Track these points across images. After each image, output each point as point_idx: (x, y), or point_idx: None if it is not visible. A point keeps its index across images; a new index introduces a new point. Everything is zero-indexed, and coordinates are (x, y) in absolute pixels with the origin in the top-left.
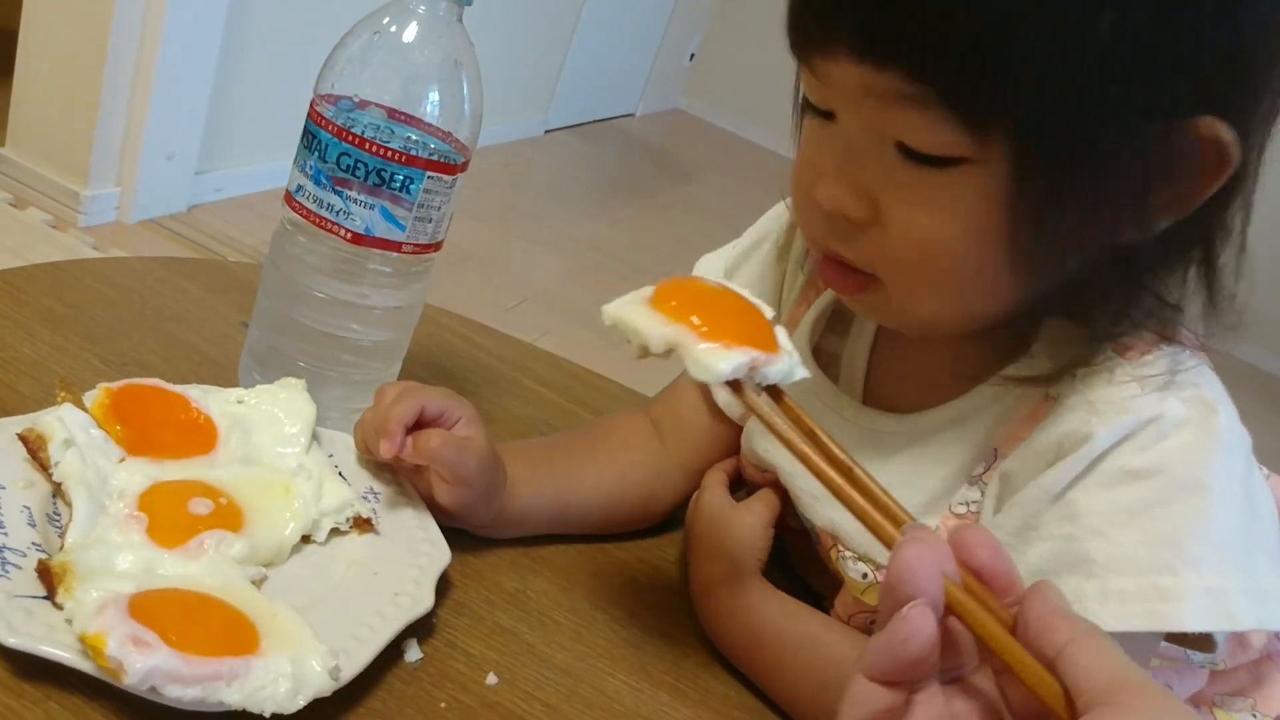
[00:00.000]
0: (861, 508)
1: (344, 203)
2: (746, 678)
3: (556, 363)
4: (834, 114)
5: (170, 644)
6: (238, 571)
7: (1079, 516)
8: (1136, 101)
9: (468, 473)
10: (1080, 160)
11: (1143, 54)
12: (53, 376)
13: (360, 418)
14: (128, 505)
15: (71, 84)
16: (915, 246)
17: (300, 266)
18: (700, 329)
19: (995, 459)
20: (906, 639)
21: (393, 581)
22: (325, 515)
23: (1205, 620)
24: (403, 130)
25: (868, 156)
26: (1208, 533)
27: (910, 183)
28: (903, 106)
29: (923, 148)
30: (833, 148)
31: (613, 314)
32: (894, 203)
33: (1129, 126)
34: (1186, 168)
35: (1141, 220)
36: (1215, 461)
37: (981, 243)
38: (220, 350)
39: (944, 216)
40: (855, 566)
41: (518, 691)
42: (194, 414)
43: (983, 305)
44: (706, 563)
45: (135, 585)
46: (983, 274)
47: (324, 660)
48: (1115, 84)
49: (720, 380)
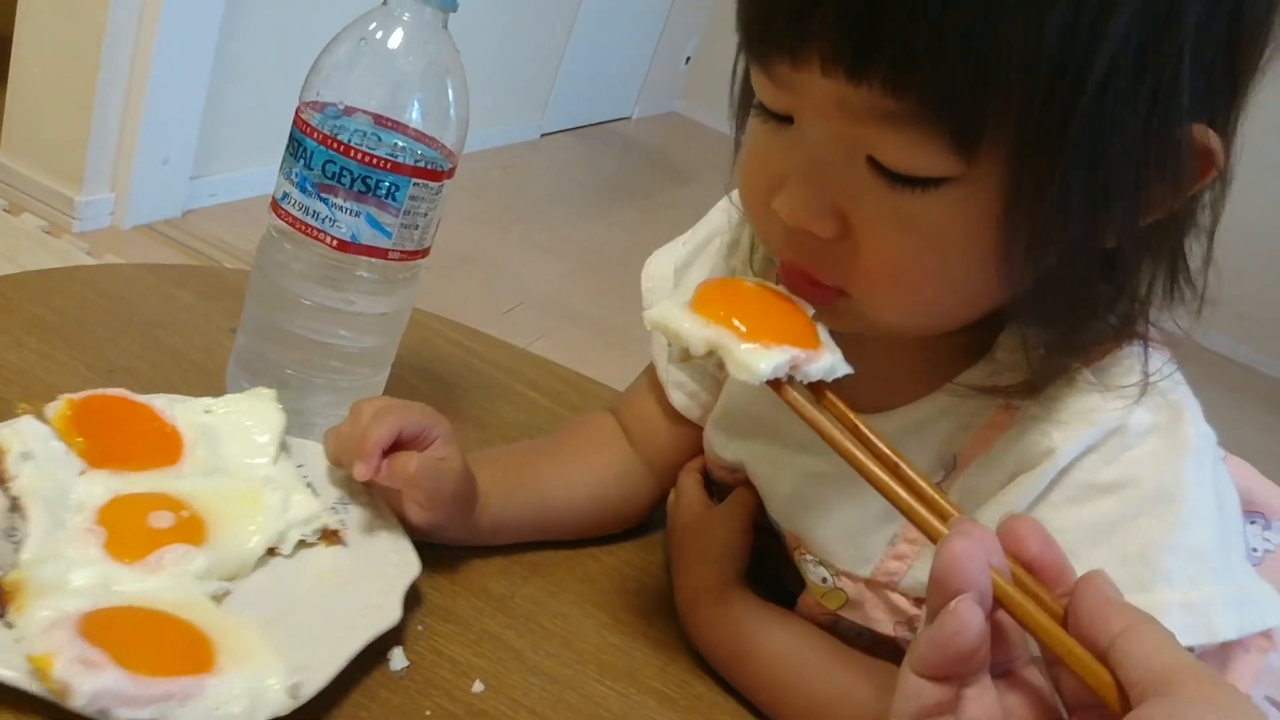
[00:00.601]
0: (907, 504)
1: (330, 210)
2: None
3: (548, 367)
4: (793, 119)
5: (120, 664)
6: (198, 586)
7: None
8: (1138, 110)
9: (443, 496)
10: (1076, 173)
11: (1146, 62)
12: (39, 385)
13: (333, 429)
14: (86, 519)
15: (66, 89)
16: (891, 268)
17: (287, 274)
18: (740, 330)
19: (955, 466)
20: (956, 633)
21: (360, 594)
22: (292, 527)
23: (1185, 636)
24: (389, 137)
25: (836, 170)
26: (1180, 544)
27: (885, 201)
28: (881, 123)
29: (902, 168)
30: (793, 156)
31: (654, 318)
32: (866, 221)
33: (1128, 136)
34: (1175, 172)
35: (1129, 226)
36: (1184, 469)
37: (965, 260)
38: (208, 357)
39: (923, 238)
40: (815, 570)
41: (504, 699)
42: (160, 424)
43: (961, 314)
44: (690, 575)
45: (90, 602)
46: (963, 288)
47: (283, 678)
48: (1117, 93)
49: (761, 380)
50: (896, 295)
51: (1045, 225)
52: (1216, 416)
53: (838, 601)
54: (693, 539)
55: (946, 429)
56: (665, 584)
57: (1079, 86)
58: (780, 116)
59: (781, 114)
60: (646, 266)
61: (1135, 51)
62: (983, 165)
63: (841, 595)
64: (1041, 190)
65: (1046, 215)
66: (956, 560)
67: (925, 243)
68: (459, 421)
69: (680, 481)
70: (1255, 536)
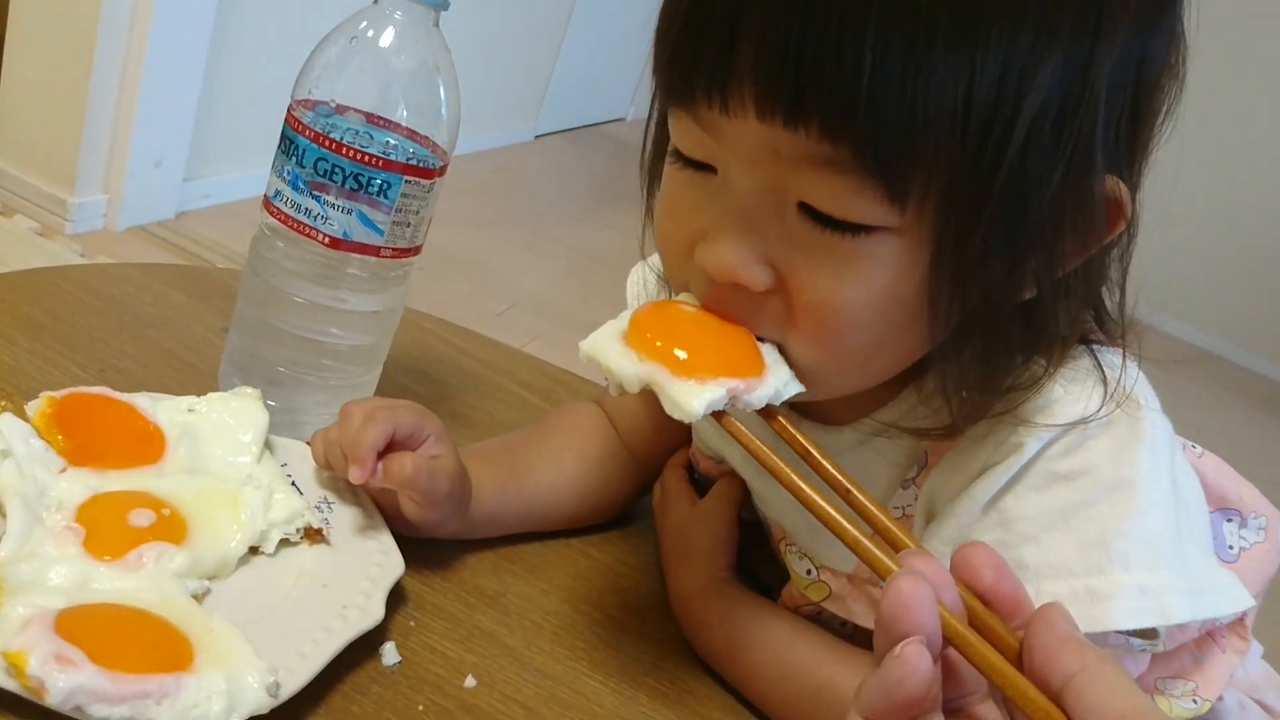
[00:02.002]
0: (854, 538)
1: (321, 207)
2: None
3: (540, 366)
4: (714, 168)
5: (96, 661)
6: (177, 585)
7: (1011, 522)
8: (1056, 164)
9: (439, 495)
10: (1000, 225)
11: (1065, 118)
12: (31, 384)
13: (321, 433)
14: (65, 517)
15: (58, 91)
16: (825, 315)
17: (279, 272)
18: (675, 363)
19: (926, 463)
20: (900, 680)
21: (342, 594)
22: (274, 526)
23: (1138, 617)
24: (381, 135)
25: (765, 219)
26: (1135, 530)
27: (817, 248)
28: (816, 169)
29: (836, 214)
30: (715, 207)
31: (588, 351)
32: (799, 270)
33: (1047, 189)
34: (1089, 223)
35: (1046, 277)
36: (1140, 458)
37: (898, 307)
38: (200, 356)
39: (857, 284)
40: (800, 563)
41: (496, 694)
42: (142, 423)
43: (891, 366)
44: (681, 574)
45: (66, 600)
46: (894, 337)
47: (261, 676)
48: (1040, 148)
49: (695, 419)
50: (831, 345)
51: (969, 276)
52: (1210, 416)
53: (821, 594)
54: (681, 539)
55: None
56: (657, 580)
57: (1004, 141)
58: (700, 165)
59: (702, 162)
60: (631, 275)
61: (1056, 108)
62: (913, 215)
63: (825, 588)
64: (967, 242)
65: (970, 266)
66: (903, 602)
67: (859, 288)
68: (450, 421)
69: (664, 479)
70: (1232, 534)
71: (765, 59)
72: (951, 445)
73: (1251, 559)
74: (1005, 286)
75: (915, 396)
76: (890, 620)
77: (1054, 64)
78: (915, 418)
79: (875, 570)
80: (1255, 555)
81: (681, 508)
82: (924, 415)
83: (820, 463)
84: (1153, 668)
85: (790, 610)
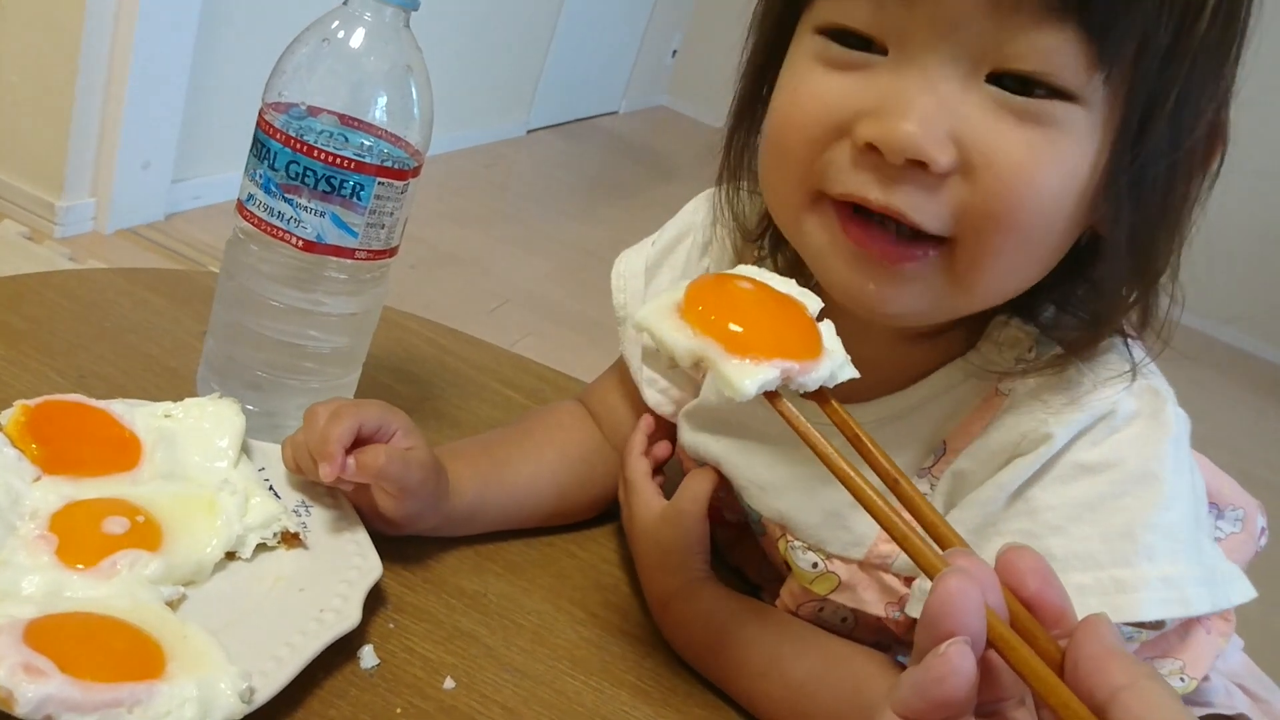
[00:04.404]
0: (902, 532)
1: (295, 210)
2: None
3: (524, 365)
4: (885, 49)
5: (66, 671)
6: (151, 592)
7: (1037, 512)
8: (1225, 54)
9: (413, 484)
10: (1180, 112)
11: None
12: (8, 392)
13: (289, 438)
14: (39, 526)
15: (44, 94)
16: (1014, 194)
17: (255, 276)
18: (730, 340)
19: (945, 452)
20: (942, 679)
21: (319, 598)
22: (251, 531)
23: (1162, 608)
24: (356, 136)
25: (952, 92)
26: (1160, 522)
27: (1009, 119)
28: (1032, 25)
29: (1041, 73)
30: (886, 85)
31: (643, 321)
32: (988, 146)
33: (1220, 81)
34: (1208, 150)
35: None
36: (1165, 452)
37: (1076, 195)
38: (180, 361)
39: (1049, 158)
40: (805, 556)
41: (475, 695)
42: (117, 430)
43: (1040, 269)
44: (656, 576)
45: (37, 609)
46: (1059, 236)
47: (234, 683)
48: (1213, 39)
49: (747, 398)
50: (1009, 231)
51: (1142, 165)
52: (1209, 399)
53: (828, 586)
54: (653, 542)
55: (935, 415)
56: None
57: (1198, 17)
58: (862, 47)
59: (868, 41)
60: (616, 265)
61: (1225, 14)
62: (1110, 89)
63: (833, 579)
64: (1149, 126)
65: (1146, 155)
66: (950, 600)
67: (1050, 163)
68: (434, 420)
69: (630, 477)
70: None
71: None
72: (977, 434)
73: (1226, 549)
74: (1167, 183)
75: (990, 346)
76: (936, 618)
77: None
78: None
79: (922, 566)
80: (1231, 545)
81: (648, 509)
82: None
83: (870, 450)
84: (1141, 649)
85: (789, 609)
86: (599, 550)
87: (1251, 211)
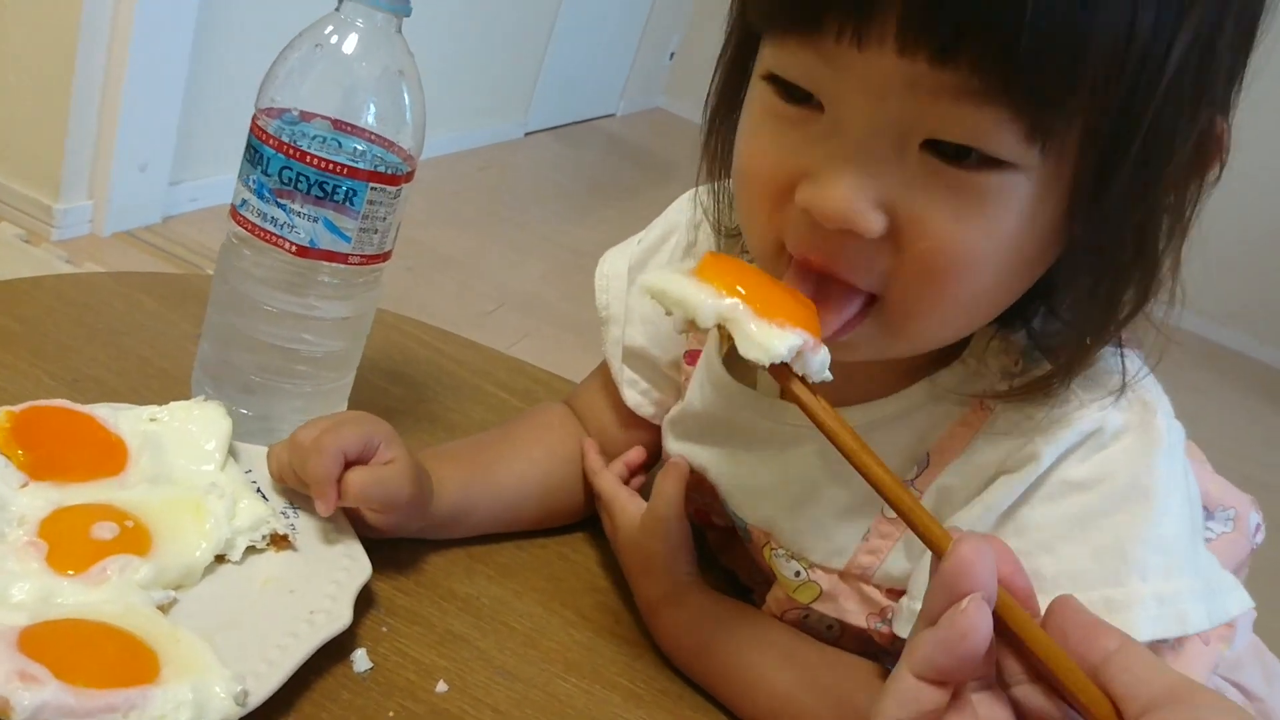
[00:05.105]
0: (909, 506)
1: (287, 216)
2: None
3: (519, 367)
4: (821, 103)
5: (61, 677)
6: (142, 596)
7: (1026, 531)
8: (1194, 104)
9: (396, 501)
10: (1146, 162)
11: (1205, 58)
12: (2, 394)
13: (275, 451)
14: (28, 532)
15: (40, 96)
16: (940, 262)
17: (248, 280)
18: (754, 304)
19: (929, 465)
20: (965, 634)
21: (309, 599)
22: (240, 533)
23: (1157, 627)
24: (349, 141)
25: (884, 159)
26: (1153, 538)
27: (941, 188)
28: (956, 103)
29: (972, 146)
30: (821, 148)
31: (653, 285)
32: (917, 213)
33: (1182, 130)
34: (1201, 161)
35: (1177, 216)
36: (1156, 465)
37: (1017, 252)
38: (174, 364)
39: (982, 225)
40: (788, 564)
41: (467, 698)
42: (103, 434)
43: (985, 317)
44: (644, 582)
45: (29, 616)
46: (1004, 286)
47: (228, 685)
48: (1181, 89)
49: (775, 360)
50: (938, 295)
51: (1102, 218)
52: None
53: (811, 595)
54: (637, 550)
55: (919, 425)
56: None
57: (1156, 77)
58: (802, 100)
59: (806, 94)
60: (600, 265)
61: (1201, 47)
62: (1052, 155)
63: (815, 588)
64: (1107, 183)
65: (1106, 208)
66: (969, 560)
67: (983, 230)
68: (428, 423)
69: (601, 490)
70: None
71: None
72: (961, 450)
73: (1216, 549)
74: (1137, 224)
75: (974, 360)
76: (954, 579)
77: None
78: (975, 382)
79: (928, 538)
80: (1221, 545)
81: (628, 516)
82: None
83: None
84: None
85: (775, 615)
86: (591, 553)
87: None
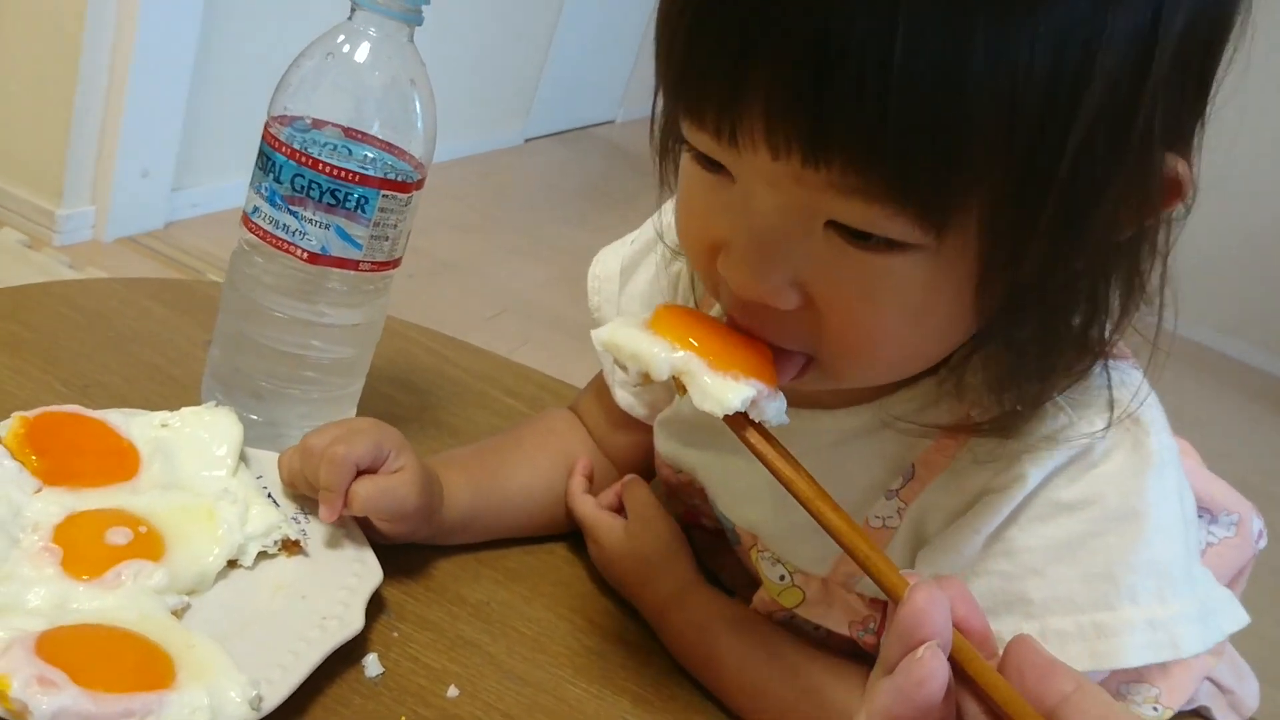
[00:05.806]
0: (865, 553)
1: (299, 223)
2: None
3: (525, 373)
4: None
5: (79, 683)
6: (157, 602)
7: (1015, 553)
8: (1116, 161)
9: (410, 510)
10: (1062, 225)
11: (1122, 115)
12: (11, 401)
13: (285, 458)
14: (42, 538)
15: (43, 102)
16: (859, 334)
17: (258, 287)
18: (710, 356)
19: (914, 476)
20: (922, 680)
21: (321, 604)
22: (251, 539)
23: (1148, 653)
24: (360, 149)
25: (791, 238)
26: (1144, 561)
27: (848, 267)
28: (844, 196)
29: (871, 231)
30: (737, 220)
31: (607, 338)
32: (829, 290)
33: (1106, 186)
34: (1145, 200)
35: (1099, 256)
36: (1148, 485)
37: (934, 318)
38: (183, 370)
39: (891, 301)
40: (774, 568)
41: (478, 703)
42: (115, 440)
43: (933, 359)
44: (646, 592)
45: (46, 621)
46: (933, 342)
47: (243, 690)
48: (1095, 152)
49: (729, 412)
50: (867, 358)
51: (1021, 281)
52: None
53: (794, 600)
54: (632, 556)
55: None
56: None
57: (1058, 146)
58: (717, 170)
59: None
60: (593, 266)
61: (1124, 96)
62: (956, 232)
63: (799, 593)
64: (1021, 250)
65: (1024, 272)
66: (922, 609)
67: (893, 306)
68: (435, 430)
69: (581, 516)
70: (1201, 531)
71: (778, 96)
72: (946, 464)
73: (1218, 554)
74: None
75: (935, 388)
76: (910, 627)
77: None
78: (934, 412)
79: (884, 585)
80: (1222, 550)
81: (612, 533)
82: (943, 409)
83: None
84: (1113, 674)
85: None
86: None
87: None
